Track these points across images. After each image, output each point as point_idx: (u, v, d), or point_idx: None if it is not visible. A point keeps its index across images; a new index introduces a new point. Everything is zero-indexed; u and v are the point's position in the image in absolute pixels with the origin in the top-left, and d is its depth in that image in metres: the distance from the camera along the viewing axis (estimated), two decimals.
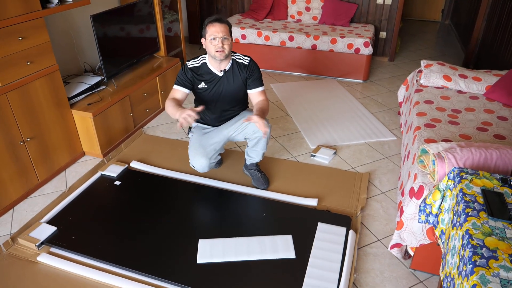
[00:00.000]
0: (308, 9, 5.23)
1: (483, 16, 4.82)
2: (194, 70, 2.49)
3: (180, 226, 2.40)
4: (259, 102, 2.53)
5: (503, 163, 1.88)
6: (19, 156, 2.57)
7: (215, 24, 2.33)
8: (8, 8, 2.32)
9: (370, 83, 4.66)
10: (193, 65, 2.50)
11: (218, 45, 2.33)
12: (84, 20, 3.46)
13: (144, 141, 3.38)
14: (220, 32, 2.32)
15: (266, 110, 2.48)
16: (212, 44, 2.35)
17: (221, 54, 2.36)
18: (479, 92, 3.04)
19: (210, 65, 2.49)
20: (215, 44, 2.34)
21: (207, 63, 2.49)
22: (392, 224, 2.47)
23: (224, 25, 2.34)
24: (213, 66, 2.49)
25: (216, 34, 2.32)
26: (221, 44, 2.33)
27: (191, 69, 2.49)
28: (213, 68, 2.49)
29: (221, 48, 2.34)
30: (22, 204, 2.66)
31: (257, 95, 2.56)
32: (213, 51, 2.37)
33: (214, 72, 2.49)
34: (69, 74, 3.37)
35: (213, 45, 2.35)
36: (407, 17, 7.81)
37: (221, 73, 2.49)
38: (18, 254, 2.22)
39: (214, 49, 2.35)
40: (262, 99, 2.55)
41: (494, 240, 1.33)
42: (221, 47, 2.34)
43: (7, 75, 2.39)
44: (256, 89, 2.55)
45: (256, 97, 2.56)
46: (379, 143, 3.37)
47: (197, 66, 2.50)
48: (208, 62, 2.49)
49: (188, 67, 2.49)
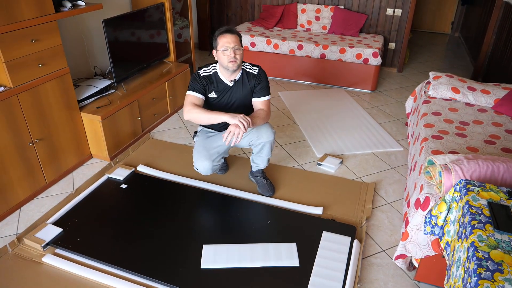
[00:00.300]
0: (317, 18, 5.26)
1: (493, 29, 4.81)
2: (206, 78, 2.49)
3: (185, 231, 2.41)
4: (258, 111, 2.52)
5: (510, 176, 1.87)
6: (27, 157, 2.60)
7: (226, 35, 2.35)
8: (22, 11, 2.36)
9: (378, 94, 4.66)
10: (205, 73, 2.50)
11: (231, 55, 2.34)
12: (96, 24, 3.51)
13: (152, 146, 3.40)
14: (231, 42, 2.33)
15: (259, 118, 2.45)
16: (225, 54, 2.35)
17: (233, 64, 2.36)
18: (488, 105, 3.03)
19: (221, 75, 2.49)
20: (227, 54, 2.34)
21: (218, 73, 2.50)
22: (397, 235, 2.45)
23: (234, 36, 2.36)
24: (224, 76, 2.49)
25: (228, 45, 2.33)
26: (233, 54, 2.34)
27: (203, 77, 2.48)
28: (224, 78, 2.49)
29: (234, 58, 2.34)
30: (29, 205, 2.68)
31: (260, 104, 2.54)
32: (225, 62, 2.37)
33: (224, 82, 2.50)
34: (80, 77, 3.41)
35: (226, 56, 2.35)
36: (417, 29, 7.82)
37: (231, 83, 2.50)
38: (23, 254, 2.24)
39: (227, 59, 2.35)
40: (262, 108, 2.53)
41: (500, 253, 1.32)
42: (233, 57, 2.34)
43: (19, 77, 2.43)
44: (260, 98, 2.54)
45: (258, 105, 2.54)
46: (385, 153, 3.36)
47: (208, 75, 2.50)
48: (219, 72, 2.49)
49: (201, 75, 2.49)
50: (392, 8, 5.01)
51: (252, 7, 5.70)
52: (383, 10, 5.06)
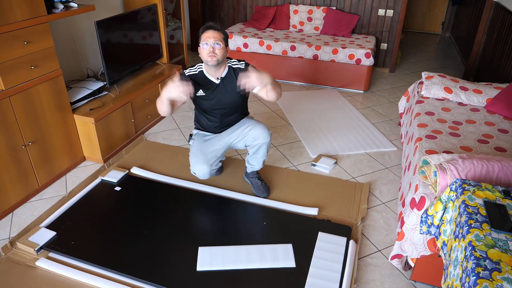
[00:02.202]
0: (310, 19, 5.27)
1: (484, 29, 4.86)
2: (192, 77, 2.49)
3: (180, 233, 2.39)
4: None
5: (504, 175, 1.88)
6: (20, 160, 2.57)
7: (208, 31, 2.37)
8: (14, 12, 2.33)
9: (371, 94, 4.68)
10: (191, 72, 2.51)
11: (209, 50, 2.34)
12: (88, 26, 3.48)
13: (145, 147, 3.38)
14: (212, 38, 2.34)
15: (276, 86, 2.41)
16: (204, 49, 2.37)
17: (212, 58, 2.36)
18: (480, 105, 3.05)
19: (207, 73, 2.49)
20: (206, 48, 2.35)
21: (204, 71, 2.50)
22: (393, 235, 2.46)
23: (216, 32, 2.36)
24: (209, 74, 2.49)
25: (208, 40, 2.34)
26: (212, 48, 2.34)
27: (189, 76, 2.49)
28: (210, 76, 2.49)
29: (212, 53, 2.34)
30: (21, 208, 2.65)
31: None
32: (205, 56, 2.38)
33: (211, 79, 2.50)
34: (72, 79, 3.38)
35: (204, 50, 2.36)
36: (408, 29, 7.87)
37: (218, 81, 2.50)
38: (16, 259, 2.21)
39: (206, 53, 2.36)
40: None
41: (497, 252, 1.33)
42: (212, 51, 2.34)
43: (10, 79, 2.40)
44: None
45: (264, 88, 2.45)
46: (379, 153, 3.37)
47: (194, 74, 2.51)
48: (205, 70, 2.50)
49: (186, 75, 2.50)
50: (384, 9, 5.03)
51: (244, 8, 5.70)
52: (375, 10, 5.09)
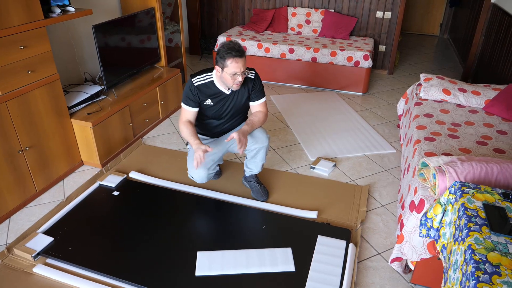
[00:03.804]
0: (308, 22, 5.27)
1: (481, 31, 4.86)
2: (201, 88, 2.42)
3: (178, 237, 2.38)
4: (256, 113, 2.54)
5: (504, 177, 1.87)
6: (17, 165, 2.56)
7: (238, 60, 2.23)
8: (11, 17, 2.32)
9: (369, 96, 4.67)
10: (200, 82, 2.42)
11: (239, 80, 2.28)
12: (86, 30, 3.47)
13: (143, 152, 3.37)
14: (242, 67, 2.26)
15: (258, 122, 2.49)
16: (233, 79, 2.28)
17: (238, 86, 2.34)
18: (478, 106, 3.05)
19: (218, 84, 2.44)
20: (235, 78, 2.28)
21: (215, 83, 2.43)
22: (392, 238, 2.45)
23: (244, 58, 2.27)
24: (221, 86, 2.44)
25: (238, 70, 2.25)
26: (242, 78, 2.29)
27: (198, 87, 2.42)
28: (221, 87, 2.45)
29: (240, 81, 2.30)
30: (18, 214, 2.63)
31: (258, 106, 2.56)
32: (230, 83, 2.31)
33: (221, 90, 2.45)
34: (70, 83, 3.37)
35: (233, 79, 2.28)
36: (406, 31, 7.88)
37: (229, 91, 2.46)
38: (13, 265, 2.19)
39: (233, 82, 2.30)
40: (260, 110, 2.55)
41: (497, 256, 1.31)
42: (240, 81, 2.30)
43: (7, 84, 2.39)
44: (258, 101, 2.54)
45: (257, 108, 2.56)
46: (378, 155, 3.36)
47: (204, 84, 2.43)
48: (216, 81, 2.43)
49: (195, 85, 2.42)
50: (382, 11, 5.04)
51: (242, 11, 5.70)
52: (373, 13, 5.09)
